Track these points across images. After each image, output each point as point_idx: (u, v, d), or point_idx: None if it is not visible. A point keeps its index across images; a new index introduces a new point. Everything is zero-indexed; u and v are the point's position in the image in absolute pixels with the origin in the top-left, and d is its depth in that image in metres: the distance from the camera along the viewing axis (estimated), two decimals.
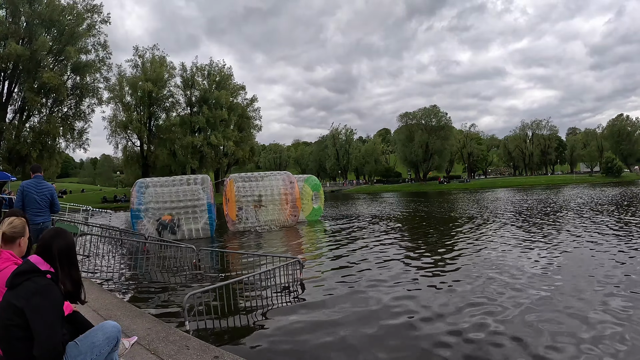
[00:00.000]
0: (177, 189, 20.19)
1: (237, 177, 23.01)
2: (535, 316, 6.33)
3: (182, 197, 19.92)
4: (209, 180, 21.05)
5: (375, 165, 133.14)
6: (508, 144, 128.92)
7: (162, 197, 19.93)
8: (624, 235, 14.09)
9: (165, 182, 20.85)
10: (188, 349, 4.42)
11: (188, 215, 19.70)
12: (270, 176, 23.25)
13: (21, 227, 3.54)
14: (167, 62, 70.24)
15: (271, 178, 23.01)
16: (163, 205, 19.71)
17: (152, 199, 19.88)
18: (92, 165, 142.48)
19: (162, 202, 19.78)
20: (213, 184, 23.04)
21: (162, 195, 19.98)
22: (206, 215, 19.67)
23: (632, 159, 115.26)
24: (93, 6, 51.33)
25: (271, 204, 22.09)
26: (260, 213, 21.98)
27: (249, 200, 22.02)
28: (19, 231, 3.49)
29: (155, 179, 21.89)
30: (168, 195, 19.97)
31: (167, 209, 19.67)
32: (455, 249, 13.03)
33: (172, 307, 7.49)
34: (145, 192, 20.07)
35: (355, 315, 6.76)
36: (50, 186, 7.86)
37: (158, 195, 20.03)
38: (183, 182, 20.61)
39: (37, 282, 2.78)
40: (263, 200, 22.22)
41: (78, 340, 3.03)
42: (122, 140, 68.41)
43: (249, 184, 22.54)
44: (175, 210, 19.68)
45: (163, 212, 19.70)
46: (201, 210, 19.70)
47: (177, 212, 19.66)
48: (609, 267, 9.41)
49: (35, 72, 46.46)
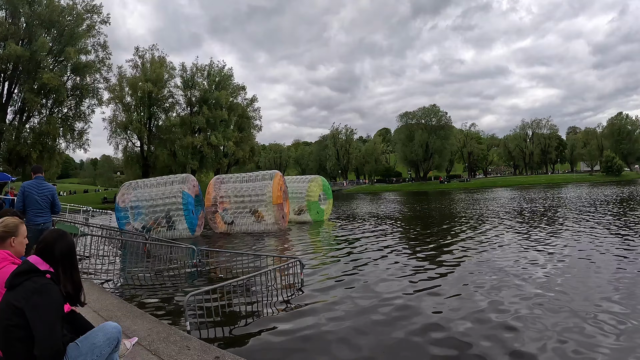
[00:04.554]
0: (162, 190, 20.32)
1: (219, 178, 22.66)
2: (539, 317, 6.34)
3: (167, 196, 20.02)
4: (191, 179, 21.03)
5: (376, 165, 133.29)
6: (508, 143, 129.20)
7: (147, 198, 20.15)
8: (624, 234, 14.11)
9: (150, 183, 21.11)
10: (189, 350, 4.42)
11: (175, 215, 19.82)
12: (256, 177, 22.06)
13: (12, 226, 3.52)
14: (167, 62, 70.29)
15: (256, 178, 21.86)
16: (149, 203, 19.97)
17: (139, 200, 20.17)
18: (92, 166, 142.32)
19: (147, 201, 20.03)
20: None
21: (148, 196, 20.19)
22: (189, 208, 19.74)
23: (632, 158, 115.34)
24: (93, 6, 51.20)
25: (254, 206, 21.08)
26: (242, 215, 21.18)
27: (231, 201, 21.47)
28: (9, 230, 3.48)
29: (140, 181, 22.24)
30: (155, 195, 20.16)
31: (153, 209, 19.90)
32: (458, 250, 13.04)
33: (172, 308, 7.48)
34: (132, 194, 20.25)
35: (357, 316, 6.75)
36: (51, 187, 7.85)
37: (145, 196, 20.25)
38: (167, 182, 20.69)
39: (36, 282, 2.78)
40: (245, 202, 21.31)
41: (79, 341, 3.02)
42: (122, 141, 68.50)
43: (232, 185, 21.94)
44: (161, 209, 19.81)
45: (151, 212, 19.91)
46: (181, 209, 19.77)
47: (167, 211, 19.81)
48: (611, 267, 9.42)
49: (35, 73, 46.39)
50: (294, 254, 13.23)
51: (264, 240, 17.42)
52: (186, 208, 19.58)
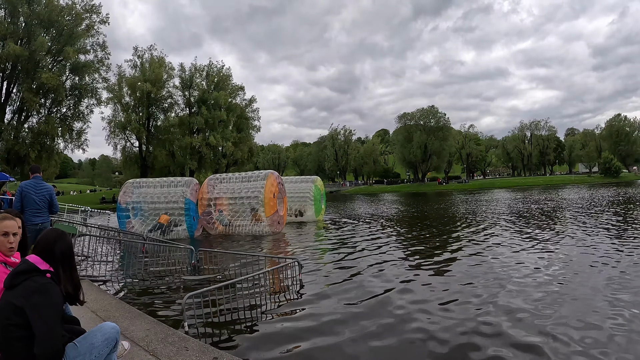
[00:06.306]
0: (166, 190, 20.54)
1: (212, 178, 22.54)
2: (538, 317, 6.36)
3: (169, 198, 20.21)
4: (194, 182, 21.14)
5: (374, 165, 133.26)
6: (507, 145, 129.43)
7: (150, 198, 20.39)
8: (620, 235, 14.14)
9: (153, 183, 21.37)
10: (187, 350, 4.42)
11: (175, 216, 20.00)
12: (249, 177, 21.60)
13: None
14: (166, 62, 70.03)
15: (251, 178, 21.42)
16: (151, 206, 20.18)
17: (142, 199, 20.39)
18: (90, 166, 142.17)
19: (150, 203, 20.24)
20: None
21: (150, 196, 20.43)
22: (190, 214, 19.90)
23: (631, 160, 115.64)
24: (92, 6, 51.07)
25: (250, 207, 20.48)
26: (238, 217, 20.62)
27: (223, 202, 21.08)
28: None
29: (143, 180, 22.49)
30: (157, 196, 20.37)
31: (155, 209, 20.11)
32: (457, 251, 13.07)
33: (171, 308, 7.48)
34: (135, 192, 20.37)
35: (356, 316, 6.75)
36: (49, 187, 7.84)
37: (147, 195, 20.49)
38: (171, 184, 20.91)
39: (37, 281, 2.80)
40: (237, 204, 20.73)
41: (77, 342, 3.03)
42: (121, 141, 68.16)
43: (225, 185, 21.62)
44: (162, 210, 20.02)
45: (152, 212, 20.09)
46: (183, 214, 19.95)
47: (169, 212, 20.02)
48: (608, 267, 9.44)
49: (34, 73, 46.32)
50: (293, 254, 13.24)
51: (262, 242, 17.42)
52: (188, 214, 19.78)
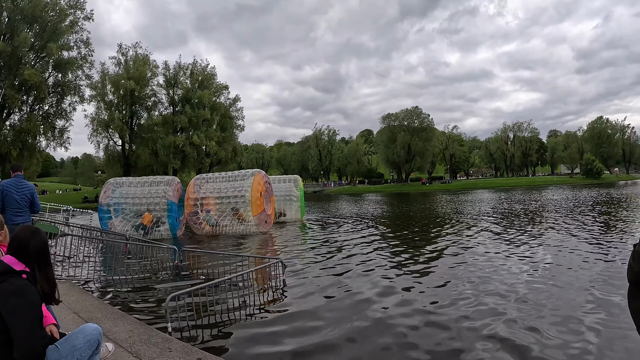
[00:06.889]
0: (147, 189, 20.30)
1: (199, 178, 22.37)
2: (524, 318, 6.44)
3: (152, 196, 20.02)
4: (176, 181, 20.94)
5: (358, 166, 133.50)
6: (490, 146, 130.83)
7: (132, 197, 20.16)
8: (602, 234, 14.37)
9: (134, 182, 21.12)
10: (170, 351, 4.41)
11: (156, 211, 19.85)
12: (236, 177, 21.48)
13: None
14: (151, 60, 69.43)
15: (237, 178, 21.30)
16: (133, 206, 19.98)
17: (123, 198, 20.17)
18: (73, 165, 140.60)
19: (131, 202, 20.04)
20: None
21: (132, 195, 20.21)
22: (172, 215, 19.74)
23: (612, 161, 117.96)
24: (76, 2, 50.42)
25: (235, 206, 20.46)
26: (224, 217, 20.53)
27: (210, 202, 20.90)
28: None
29: (125, 179, 22.28)
30: (139, 194, 20.14)
31: (137, 210, 19.90)
32: (441, 250, 13.18)
33: (154, 309, 7.44)
34: (116, 191, 20.20)
35: (340, 317, 6.79)
36: (31, 186, 7.75)
37: (128, 194, 20.26)
38: (152, 183, 20.67)
39: (12, 283, 2.74)
40: (224, 203, 20.58)
41: (58, 344, 3.00)
42: (104, 140, 67.32)
43: (212, 185, 21.42)
44: (144, 208, 19.85)
45: (134, 211, 19.90)
46: (165, 215, 19.79)
47: (151, 210, 19.86)
48: (592, 266, 9.59)
49: (16, 69, 45.58)
50: (276, 254, 13.23)
51: (247, 241, 17.38)
52: (170, 215, 19.64)
